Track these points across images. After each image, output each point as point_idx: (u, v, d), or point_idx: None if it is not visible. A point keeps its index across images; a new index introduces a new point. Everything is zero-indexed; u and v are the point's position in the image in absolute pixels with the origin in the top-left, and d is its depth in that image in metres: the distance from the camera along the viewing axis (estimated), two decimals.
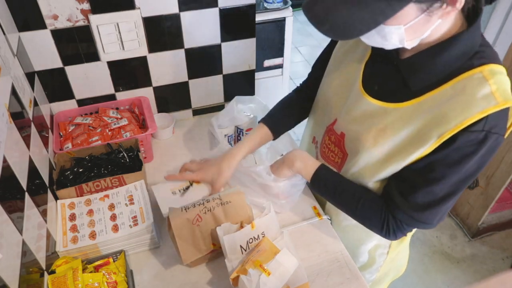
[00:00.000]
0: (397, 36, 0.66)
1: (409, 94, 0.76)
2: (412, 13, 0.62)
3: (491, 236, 2.23)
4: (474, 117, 0.67)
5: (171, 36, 1.20)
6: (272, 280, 0.78)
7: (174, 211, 0.87)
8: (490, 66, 0.70)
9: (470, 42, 0.71)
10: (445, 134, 0.70)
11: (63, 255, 0.90)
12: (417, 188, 0.77)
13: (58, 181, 1.03)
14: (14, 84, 0.89)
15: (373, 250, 1.04)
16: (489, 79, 0.68)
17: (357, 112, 0.84)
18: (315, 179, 0.92)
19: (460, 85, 0.70)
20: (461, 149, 0.71)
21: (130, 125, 1.23)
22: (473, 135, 0.69)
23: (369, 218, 0.87)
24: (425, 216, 0.79)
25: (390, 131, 0.78)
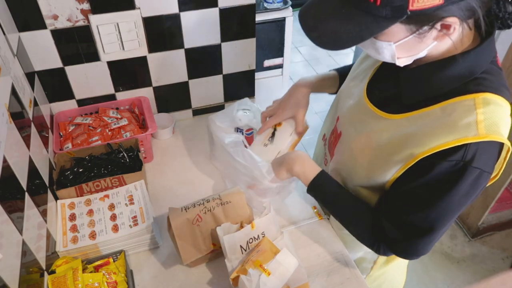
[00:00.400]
0: (388, 52, 0.67)
1: (402, 107, 0.75)
2: (401, 33, 0.63)
3: (491, 236, 2.23)
4: (449, 143, 0.65)
5: (171, 36, 1.20)
6: (272, 280, 0.78)
7: (174, 211, 0.87)
8: (486, 94, 0.66)
9: (471, 64, 0.68)
10: (418, 155, 0.69)
11: (63, 255, 0.90)
12: (400, 219, 0.76)
13: (58, 181, 1.03)
14: (14, 84, 0.89)
15: (357, 261, 1.01)
16: (479, 108, 0.65)
17: (356, 115, 0.85)
18: (312, 187, 0.88)
19: (449, 108, 0.68)
20: (440, 179, 0.69)
21: (130, 125, 1.23)
22: (450, 165, 0.66)
23: (361, 237, 0.86)
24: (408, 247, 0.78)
25: (375, 140, 0.78)
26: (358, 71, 0.92)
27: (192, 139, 1.34)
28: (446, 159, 0.66)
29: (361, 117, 0.83)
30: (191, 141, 1.33)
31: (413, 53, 0.68)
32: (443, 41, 0.65)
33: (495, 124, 0.65)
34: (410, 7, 0.57)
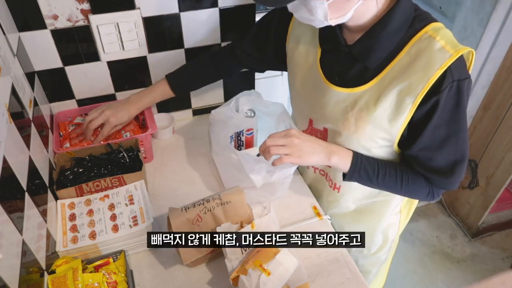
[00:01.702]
0: (321, 11, 0.71)
1: (370, 74, 0.81)
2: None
3: (491, 236, 2.23)
4: (436, 73, 0.73)
5: (171, 36, 1.20)
6: (272, 280, 0.78)
7: (174, 211, 0.87)
8: (431, 25, 0.76)
9: (406, 9, 0.76)
10: (417, 98, 0.76)
11: (63, 255, 0.90)
12: (436, 158, 0.83)
13: (58, 181, 1.03)
14: (14, 84, 0.89)
15: (385, 230, 1.09)
16: (436, 36, 0.75)
17: (329, 105, 0.88)
18: (353, 171, 0.88)
19: (413, 50, 0.76)
20: (447, 107, 0.76)
21: (130, 125, 1.23)
22: (448, 91, 0.74)
23: (415, 193, 0.92)
24: (453, 176, 0.85)
25: (366, 112, 0.82)
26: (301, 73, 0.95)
27: (192, 139, 1.34)
28: (442, 89, 0.74)
29: (337, 104, 0.86)
30: (191, 141, 1.33)
31: (343, 13, 0.73)
32: (368, 1, 0.73)
33: (454, 41, 0.76)
34: None
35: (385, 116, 0.81)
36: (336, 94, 0.86)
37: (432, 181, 0.88)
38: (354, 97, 0.83)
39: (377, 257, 1.17)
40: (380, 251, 1.15)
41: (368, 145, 0.87)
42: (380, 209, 1.04)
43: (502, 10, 1.66)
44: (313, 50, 0.91)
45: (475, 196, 2.12)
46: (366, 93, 0.82)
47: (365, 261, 1.19)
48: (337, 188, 1.03)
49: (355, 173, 0.88)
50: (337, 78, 0.86)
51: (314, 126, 0.96)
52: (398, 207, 1.05)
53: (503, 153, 1.89)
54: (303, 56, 0.94)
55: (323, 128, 0.93)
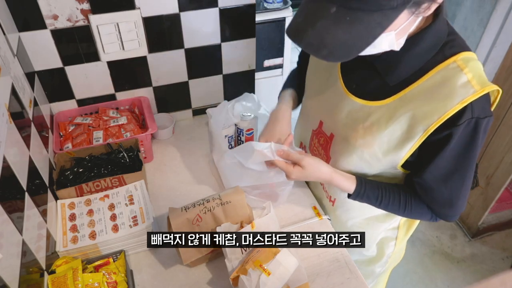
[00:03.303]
0: (387, 42, 0.67)
1: (389, 90, 0.78)
2: (404, 18, 0.63)
3: (491, 236, 2.23)
4: (455, 107, 0.70)
5: (171, 36, 1.20)
6: (272, 280, 0.78)
7: (174, 211, 0.87)
8: (462, 54, 0.72)
9: (438, 33, 0.73)
10: (430, 128, 0.73)
11: (63, 255, 0.90)
12: (439, 190, 0.81)
13: (58, 181, 1.03)
14: (14, 84, 0.89)
15: (380, 243, 1.06)
16: (464, 68, 0.70)
17: (342, 112, 0.86)
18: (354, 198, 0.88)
19: (437, 76, 0.72)
20: (461, 142, 0.73)
21: (130, 125, 1.23)
22: (465, 126, 0.71)
23: (417, 217, 0.92)
24: (452, 210, 0.84)
25: (376, 128, 0.80)
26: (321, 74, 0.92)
27: (192, 139, 1.34)
28: (458, 123, 0.71)
29: (350, 113, 0.84)
30: (191, 141, 1.33)
31: (406, 33, 0.69)
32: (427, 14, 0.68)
33: (481, 76, 0.71)
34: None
35: (394, 137, 0.78)
36: (351, 103, 0.83)
37: (432, 208, 0.86)
38: (368, 110, 0.81)
39: (371, 269, 1.14)
40: (374, 264, 1.12)
41: (370, 160, 0.84)
42: (374, 223, 1.01)
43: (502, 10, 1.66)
44: None
45: (475, 196, 2.12)
46: (380, 109, 0.79)
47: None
48: (332, 201, 1.02)
49: (357, 199, 0.88)
50: (355, 86, 0.84)
51: (323, 129, 0.93)
52: (395, 222, 1.02)
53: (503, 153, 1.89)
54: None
55: (330, 133, 0.91)
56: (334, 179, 0.86)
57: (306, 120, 1.01)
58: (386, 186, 0.87)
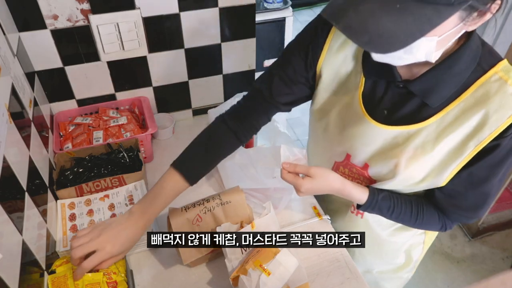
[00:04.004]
0: (425, 49, 0.61)
1: (429, 111, 0.74)
2: (453, 22, 0.58)
3: (491, 236, 2.23)
4: (506, 122, 0.68)
5: (171, 36, 1.20)
6: (272, 280, 0.78)
7: (174, 211, 0.87)
8: (500, 65, 0.69)
9: (474, 48, 0.70)
10: (482, 143, 0.71)
11: (63, 255, 0.90)
12: (466, 196, 0.79)
13: (58, 181, 1.03)
14: (14, 84, 0.89)
15: (408, 250, 1.04)
16: (507, 79, 0.68)
17: (375, 143, 0.80)
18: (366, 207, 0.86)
19: (479, 91, 0.70)
20: (502, 150, 0.71)
21: (130, 125, 1.23)
22: (509, 138, 0.70)
23: (428, 227, 0.89)
24: (476, 214, 0.82)
25: (421, 151, 0.76)
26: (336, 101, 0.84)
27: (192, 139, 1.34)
28: (505, 135, 0.69)
29: (386, 143, 0.79)
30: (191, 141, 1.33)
31: (445, 45, 0.64)
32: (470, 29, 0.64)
33: None
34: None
35: (442, 158, 0.75)
36: (384, 133, 0.78)
37: (451, 214, 0.84)
38: (407, 135, 0.76)
39: (399, 276, 1.12)
40: (402, 270, 1.10)
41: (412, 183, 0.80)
42: (403, 232, 0.97)
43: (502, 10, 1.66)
44: (354, 80, 0.81)
45: None
46: (423, 131, 0.74)
47: (387, 284, 1.13)
48: (361, 213, 0.95)
49: (368, 209, 0.86)
50: (386, 113, 0.78)
51: (352, 161, 0.86)
52: None
53: None
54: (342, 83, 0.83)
55: (364, 164, 0.85)
56: (346, 187, 0.83)
57: (326, 151, 0.92)
58: (398, 198, 0.85)
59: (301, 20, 4.25)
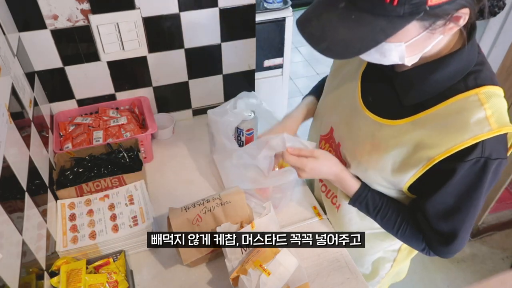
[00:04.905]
0: (396, 53, 0.64)
1: (403, 111, 0.75)
2: (414, 31, 0.60)
3: (491, 236, 2.23)
4: (466, 142, 0.66)
5: (171, 36, 1.20)
6: (272, 280, 0.78)
7: (174, 211, 0.87)
8: (486, 88, 0.67)
9: (465, 61, 0.69)
10: (435, 158, 0.69)
11: (63, 255, 0.90)
12: (436, 223, 0.78)
13: (58, 181, 1.03)
14: (14, 84, 0.89)
15: (376, 262, 1.03)
16: (484, 103, 0.66)
17: (354, 124, 0.84)
18: (356, 199, 0.87)
19: (454, 106, 0.69)
20: (466, 180, 0.70)
21: (130, 125, 1.23)
22: (472, 164, 0.67)
23: (409, 242, 0.88)
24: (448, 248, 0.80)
25: (383, 147, 0.77)
26: (342, 77, 0.90)
27: (192, 139, 1.34)
28: (465, 159, 0.67)
29: (360, 126, 0.82)
30: (191, 141, 1.33)
31: (421, 50, 0.66)
32: (447, 35, 0.65)
33: (502, 115, 0.67)
34: (429, 3, 0.55)
35: (398, 160, 0.75)
36: (363, 116, 0.81)
37: (429, 240, 0.82)
38: (379, 127, 0.78)
39: None
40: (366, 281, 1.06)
41: (374, 177, 0.82)
42: (373, 241, 0.96)
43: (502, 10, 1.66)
44: (358, 62, 0.86)
45: None
46: (391, 129, 0.76)
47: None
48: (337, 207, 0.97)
49: (356, 203, 0.87)
50: (370, 99, 0.81)
51: (334, 135, 0.91)
52: (396, 245, 0.99)
53: None
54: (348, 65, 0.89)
55: (338, 142, 0.89)
56: (343, 172, 0.85)
57: (319, 123, 0.99)
58: (389, 201, 0.85)
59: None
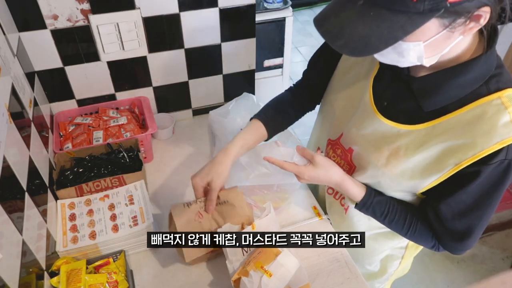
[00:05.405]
0: (415, 53, 0.63)
1: (421, 116, 0.74)
2: (434, 29, 0.59)
3: (491, 236, 2.23)
4: (492, 147, 0.66)
5: (171, 36, 1.20)
6: (274, 282, 0.78)
7: (177, 207, 0.87)
8: (508, 91, 0.67)
9: (487, 65, 0.68)
10: (463, 163, 0.69)
11: (63, 255, 0.90)
12: (453, 223, 0.78)
13: (58, 181, 1.03)
14: (14, 84, 0.89)
15: (385, 260, 1.03)
16: (508, 107, 0.66)
17: (367, 129, 0.82)
18: (361, 206, 0.86)
19: (477, 111, 0.68)
20: (488, 181, 0.70)
21: (130, 125, 1.23)
22: (496, 166, 0.68)
23: (419, 241, 0.88)
24: (462, 245, 0.81)
25: (404, 153, 0.76)
26: (351, 81, 0.88)
27: (192, 139, 1.34)
28: (490, 162, 0.67)
29: (374, 131, 0.80)
30: (191, 141, 1.33)
31: (440, 51, 0.64)
32: (468, 36, 0.64)
33: None
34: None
35: (421, 166, 0.75)
36: (378, 123, 0.79)
37: (440, 238, 0.83)
38: (397, 133, 0.77)
39: (370, 284, 1.10)
40: (374, 279, 1.09)
41: (390, 183, 0.81)
42: (381, 239, 0.97)
43: None
44: (368, 65, 0.84)
45: None
46: (411, 134, 0.75)
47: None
48: (345, 208, 0.96)
49: (362, 210, 0.86)
50: (386, 104, 0.79)
51: (341, 141, 0.89)
52: (404, 242, 0.99)
53: None
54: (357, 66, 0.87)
55: (349, 148, 0.87)
56: (345, 182, 0.84)
57: (326, 127, 0.97)
58: (395, 203, 0.84)
59: (301, 20, 4.25)
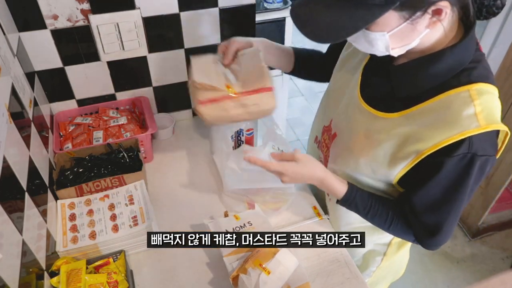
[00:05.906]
0: (382, 43, 0.67)
1: (397, 105, 0.76)
2: (394, 21, 0.63)
3: (491, 236, 2.23)
4: (453, 138, 0.67)
5: (171, 36, 1.20)
6: (272, 279, 0.78)
7: None
8: (478, 85, 0.68)
9: (460, 56, 0.70)
10: (424, 152, 0.70)
11: (63, 255, 0.90)
12: (422, 215, 0.79)
13: (58, 181, 1.03)
14: (14, 84, 0.89)
15: (367, 254, 1.04)
16: (475, 100, 0.67)
17: (351, 116, 0.85)
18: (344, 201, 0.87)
19: (445, 101, 0.69)
20: (452, 174, 0.71)
21: (130, 125, 1.23)
22: (459, 160, 0.68)
23: (401, 235, 0.89)
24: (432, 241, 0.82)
25: (376, 139, 0.78)
26: (346, 69, 0.91)
27: (192, 139, 1.34)
28: (452, 154, 0.68)
29: (356, 117, 0.84)
30: (191, 141, 1.33)
31: (407, 42, 0.68)
32: (435, 29, 0.66)
33: (492, 113, 0.68)
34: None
35: (388, 153, 0.77)
36: (359, 107, 0.83)
37: (415, 232, 0.84)
38: (373, 118, 0.80)
39: None
40: None
41: (365, 169, 0.83)
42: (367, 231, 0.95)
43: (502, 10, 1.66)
44: (362, 55, 0.88)
45: (475, 196, 2.11)
46: (385, 121, 0.77)
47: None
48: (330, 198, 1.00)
49: (345, 205, 0.87)
50: (369, 91, 0.83)
51: (331, 126, 0.93)
52: (386, 239, 0.99)
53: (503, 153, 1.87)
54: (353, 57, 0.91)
55: (334, 133, 0.91)
56: (327, 178, 0.84)
57: (323, 114, 1.01)
58: (377, 198, 0.85)
59: None
